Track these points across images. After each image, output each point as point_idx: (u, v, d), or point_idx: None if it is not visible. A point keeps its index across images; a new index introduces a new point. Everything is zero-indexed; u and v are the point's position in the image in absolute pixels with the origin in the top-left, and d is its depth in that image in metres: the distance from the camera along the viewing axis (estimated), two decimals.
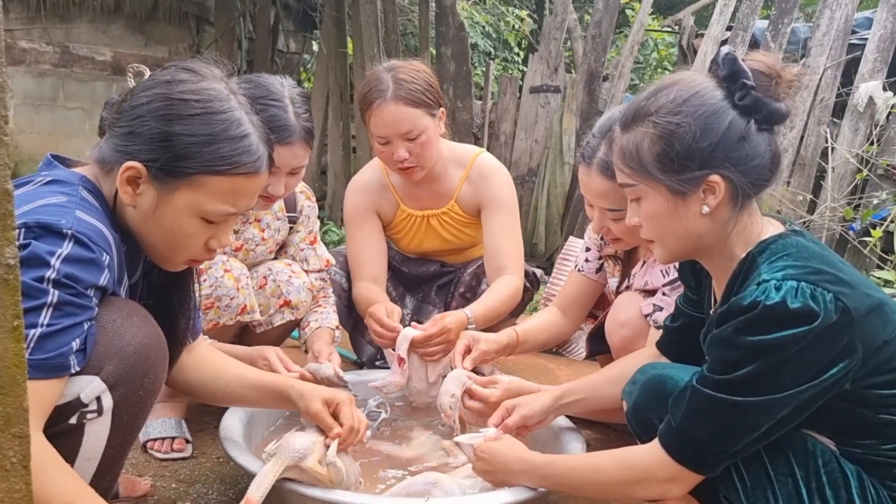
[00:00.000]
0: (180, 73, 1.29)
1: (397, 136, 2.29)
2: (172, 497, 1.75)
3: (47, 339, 1.09)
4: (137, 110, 1.26)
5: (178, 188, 1.26)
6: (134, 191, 1.27)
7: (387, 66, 2.35)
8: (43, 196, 1.19)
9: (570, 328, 2.29)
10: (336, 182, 5.55)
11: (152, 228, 1.30)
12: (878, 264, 3.59)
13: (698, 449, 1.26)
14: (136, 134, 1.25)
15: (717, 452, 1.25)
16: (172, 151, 1.24)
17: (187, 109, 1.25)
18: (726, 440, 1.23)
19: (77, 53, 5.64)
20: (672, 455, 1.28)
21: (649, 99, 1.33)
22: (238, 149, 1.27)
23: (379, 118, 2.28)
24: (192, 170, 1.25)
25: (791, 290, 1.18)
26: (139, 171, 1.25)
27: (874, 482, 1.25)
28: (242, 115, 1.29)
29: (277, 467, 1.43)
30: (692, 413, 1.26)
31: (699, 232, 1.33)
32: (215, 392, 1.63)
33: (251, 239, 2.22)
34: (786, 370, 1.18)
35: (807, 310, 1.16)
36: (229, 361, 1.66)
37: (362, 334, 2.61)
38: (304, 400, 1.54)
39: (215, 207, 1.28)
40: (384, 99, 2.26)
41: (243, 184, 1.30)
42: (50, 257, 1.11)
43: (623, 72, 4.69)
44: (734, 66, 1.27)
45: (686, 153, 1.27)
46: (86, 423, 1.19)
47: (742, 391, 1.21)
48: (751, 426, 1.22)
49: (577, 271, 2.25)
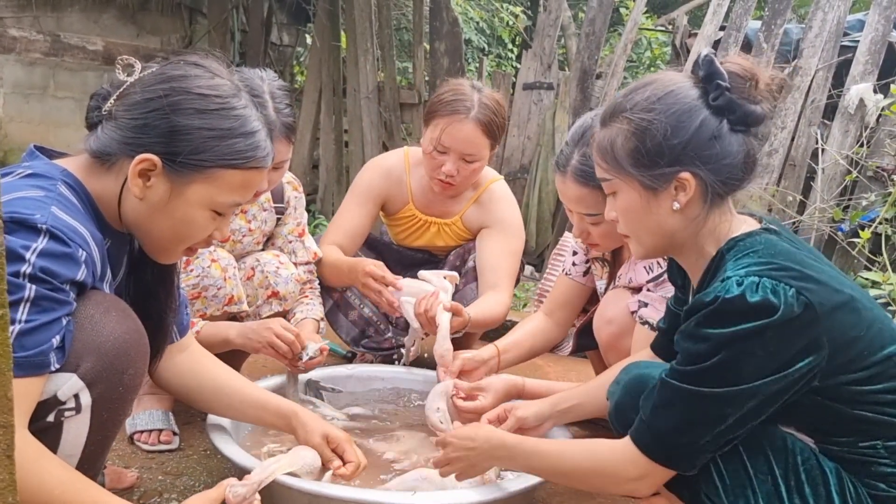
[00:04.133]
0: (192, 68, 1.31)
1: (459, 153, 2.36)
2: (159, 489, 1.75)
3: (27, 336, 1.08)
4: (153, 103, 1.26)
5: (194, 181, 1.28)
6: (144, 183, 1.26)
7: (473, 85, 2.42)
8: (20, 189, 1.18)
9: (558, 333, 2.29)
10: (328, 176, 5.54)
11: (160, 220, 1.30)
12: (867, 265, 3.61)
13: (665, 441, 1.27)
14: (151, 126, 1.25)
15: (683, 444, 1.26)
16: (192, 144, 1.26)
17: (207, 104, 1.27)
18: (692, 431, 1.25)
19: (68, 42, 5.59)
20: (641, 449, 1.29)
21: (626, 96, 1.36)
22: (251, 144, 1.31)
23: (453, 130, 2.34)
24: (209, 163, 1.27)
25: (751, 286, 1.20)
26: (154, 164, 1.25)
27: (852, 479, 1.27)
28: (253, 112, 1.33)
29: (286, 467, 1.45)
30: (659, 405, 1.28)
31: (671, 228, 1.36)
32: (212, 404, 1.64)
33: (238, 230, 2.22)
34: (748, 362, 1.20)
35: (766, 303, 1.18)
36: (229, 373, 1.65)
37: (344, 313, 2.62)
38: (305, 431, 1.57)
39: (227, 199, 1.32)
40: (466, 116, 2.33)
41: (253, 177, 1.34)
42: (25, 252, 1.09)
43: (616, 70, 4.70)
44: (710, 67, 1.30)
45: (657, 150, 1.30)
46: (64, 421, 1.18)
47: (706, 382, 1.23)
48: (716, 417, 1.23)
49: (565, 275, 2.26)
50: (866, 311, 1.27)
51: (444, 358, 1.99)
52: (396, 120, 5.27)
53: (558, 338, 2.30)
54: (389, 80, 5.27)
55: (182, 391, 1.62)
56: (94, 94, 1.34)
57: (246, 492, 1.31)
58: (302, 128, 5.32)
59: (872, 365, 1.25)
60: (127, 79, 1.31)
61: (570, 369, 3.00)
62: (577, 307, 2.29)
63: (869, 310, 1.28)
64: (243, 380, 1.67)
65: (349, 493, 1.46)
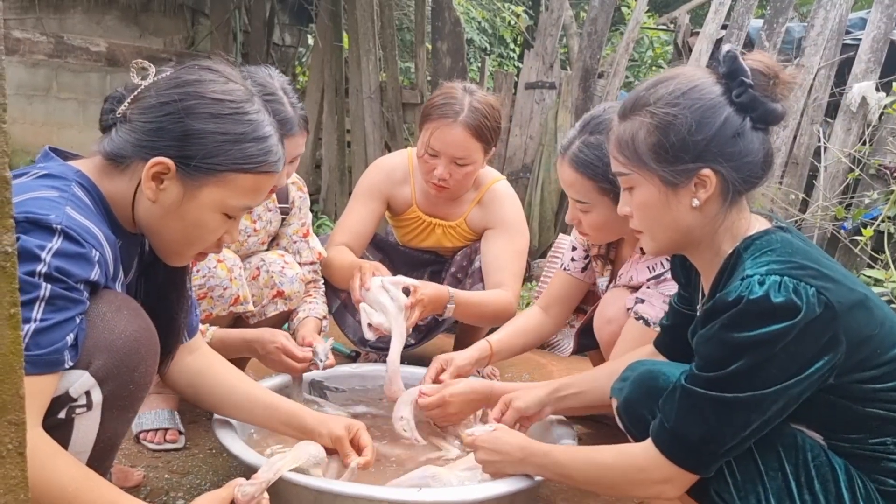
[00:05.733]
0: (206, 73, 1.32)
1: (449, 156, 2.35)
2: (165, 488, 1.75)
3: (42, 335, 1.09)
4: (168, 107, 1.27)
5: (207, 184, 1.29)
6: (157, 186, 1.27)
7: (465, 87, 2.40)
8: (34, 189, 1.19)
9: (552, 327, 2.29)
10: (330, 176, 5.54)
11: (172, 223, 1.32)
12: (869, 263, 3.61)
13: (692, 449, 1.26)
14: (165, 130, 1.26)
15: (710, 452, 1.25)
16: (205, 148, 1.27)
17: (221, 109, 1.29)
18: (719, 438, 1.24)
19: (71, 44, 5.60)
20: (667, 455, 1.29)
21: (649, 90, 1.34)
22: (263, 148, 1.33)
23: (442, 135, 2.33)
24: (222, 167, 1.29)
25: (774, 285, 1.19)
26: (168, 167, 1.26)
27: (862, 476, 1.27)
28: (265, 116, 1.35)
29: (291, 462, 1.46)
30: (684, 412, 1.27)
31: (688, 225, 1.34)
32: (223, 406, 1.65)
33: (243, 230, 2.23)
34: (772, 365, 1.19)
35: (790, 304, 1.18)
36: (239, 375, 1.66)
37: (352, 312, 2.62)
38: (326, 425, 1.59)
39: (238, 203, 1.33)
40: (455, 120, 2.32)
41: (265, 181, 1.36)
42: (41, 251, 1.10)
43: (618, 69, 4.70)
44: (734, 63, 1.29)
45: (681, 145, 1.29)
46: (75, 418, 1.19)
47: (731, 388, 1.22)
48: (742, 423, 1.23)
49: (563, 270, 2.26)
50: (878, 309, 1.27)
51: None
52: (399, 120, 5.27)
53: (551, 332, 2.31)
54: (392, 80, 5.27)
55: (191, 392, 1.63)
56: (108, 97, 1.35)
57: (254, 491, 1.31)
58: None
59: (883, 363, 1.25)
60: (141, 82, 1.31)
61: (572, 367, 3.01)
62: (574, 303, 2.29)
63: (880, 308, 1.28)
64: (252, 383, 1.68)
65: (355, 490, 1.46)
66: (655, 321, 1.84)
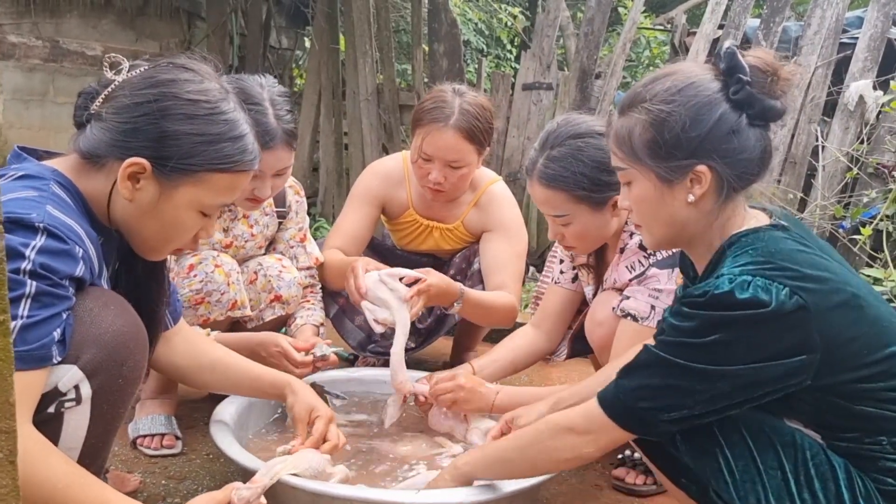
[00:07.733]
0: (181, 72, 1.32)
1: (443, 160, 2.33)
2: (162, 493, 1.75)
3: (29, 331, 1.10)
4: (143, 108, 1.27)
5: (183, 184, 1.30)
6: (133, 185, 1.28)
7: (455, 90, 2.37)
8: (14, 190, 1.19)
9: (547, 344, 2.23)
10: (328, 179, 5.53)
11: (149, 222, 1.32)
12: (868, 262, 3.61)
13: (625, 399, 1.28)
14: (141, 131, 1.26)
15: (643, 408, 1.27)
16: (181, 149, 1.27)
17: (197, 110, 1.29)
18: (655, 398, 1.26)
19: (67, 48, 5.58)
20: (600, 402, 1.31)
21: (646, 86, 1.35)
22: (239, 148, 1.33)
23: (433, 139, 2.31)
24: (197, 167, 1.29)
25: (742, 283, 1.21)
26: (143, 167, 1.26)
27: (861, 474, 1.26)
28: (240, 115, 1.35)
29: (290, 468, 1.46)
30: (632, 367, 1.30)
31: (683, 220, 1.36)
32: (208, 381, 1.70)
33: (240, 235, 2.22)
34: (728, 345, 1.21)
35: (754, 300, 1.19)
36: (222, 350, 1.69)
37: (350, 318, 2.61)
38: (295, 399, 1.66)
39: (214, 201, 1.35)
40: (446, 124, 2.30)
41: (241, 179, 1.37)
42: (24, 249, 1.11)
43: (615, 69, 4.69)
44: (732, 60, 1.30)
45: (675, 142, 1.30)
46: (64, 412, 1.19)
47: (682, 354, 1.24)
48: (682, 389, 1.24)
49: (554, 283, 2.25)
50: (870, 308, 1.27)
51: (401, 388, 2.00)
52: (396, 122, 5.27)
53: (547, 349, 2.24)
54: (388, 82, 5.27)
55: (179, 372, 1.66)
56: (81, 92, 1.35)
57: (251, 495, 1.31)
58: (301, 131, 5.32)
59: (874, 363, 1.24)
60: (114, 77, 1.31)
61: (572, 368, 3.00)
62: (569, 315, 2.25)
63: (873, 307, 1.28)
64: (236, 356, 1.70)
65: (352, 492, 1.46)
66: (644, 315, 1.85)
